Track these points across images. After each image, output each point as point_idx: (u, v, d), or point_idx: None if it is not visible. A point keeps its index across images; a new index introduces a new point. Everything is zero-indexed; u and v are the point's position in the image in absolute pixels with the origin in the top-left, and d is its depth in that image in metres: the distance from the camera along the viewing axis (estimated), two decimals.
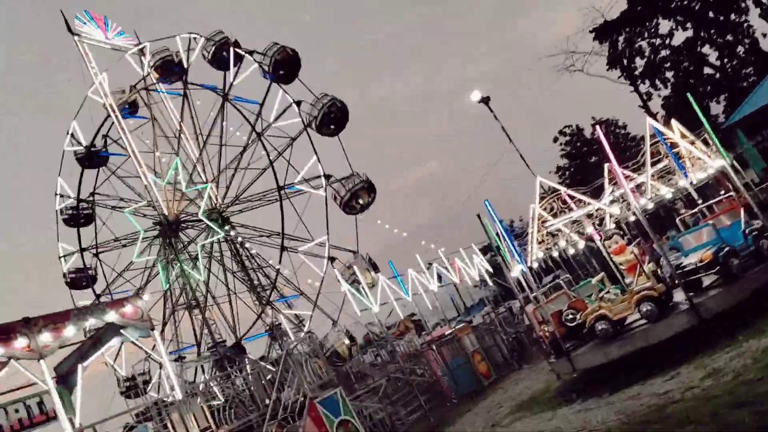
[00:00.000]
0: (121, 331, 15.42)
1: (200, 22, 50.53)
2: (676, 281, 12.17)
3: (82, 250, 33.80)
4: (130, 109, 34.46)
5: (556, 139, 72.78)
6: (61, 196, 34.05)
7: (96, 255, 34.10)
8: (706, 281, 12.61)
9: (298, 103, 32.20)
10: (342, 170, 33.03)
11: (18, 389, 16.45)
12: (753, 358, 9.10)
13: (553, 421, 12.02)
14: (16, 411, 15.83)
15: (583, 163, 70.41)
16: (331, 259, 33.07)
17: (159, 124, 34.53)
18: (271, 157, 33.99)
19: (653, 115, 56.66)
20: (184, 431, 14.63)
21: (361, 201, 32.01)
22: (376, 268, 32.21)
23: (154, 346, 16.71)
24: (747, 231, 12.73)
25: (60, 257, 34.18)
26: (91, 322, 14.24)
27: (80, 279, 33.88)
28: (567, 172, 72.59)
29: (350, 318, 30.59)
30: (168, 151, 34.74)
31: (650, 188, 12.99)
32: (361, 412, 19.26)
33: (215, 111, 33.92)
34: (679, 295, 12.43)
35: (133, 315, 14.80)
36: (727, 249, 11.99)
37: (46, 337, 12.93)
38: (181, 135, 34.53)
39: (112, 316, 14.47)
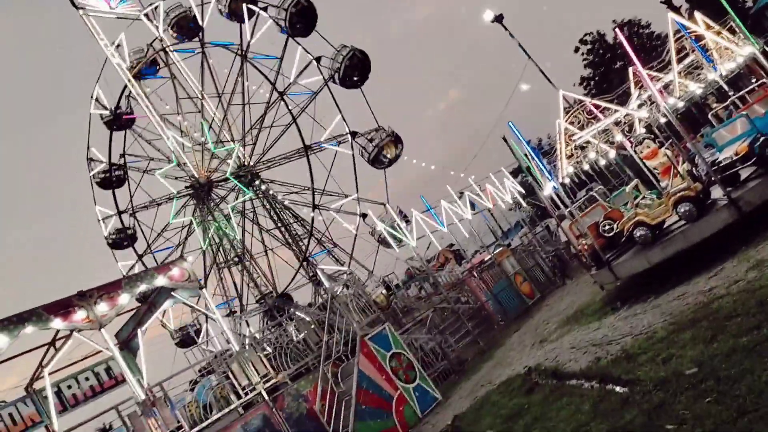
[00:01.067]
0: (172, 293, 16.00)
1: None
2: (713, 178, 11.91)
3: (119, 212, 34.40)
4: (151, 68, 34.20)
5: (577, 49, 70.32)
6: (93, 160, 34.51)
7: (133, 215, 34.76)
8: (744, 174, 12.33)
9: (318, 59, 31.61)
10: (367, 122, 32.78)
11: (84, 359, 17.42)
12: None
13: (600, 330, 12.18)
14: (87, 379, 16.78)
15: (607, 70, 68.14)
16: (363, 216, 33.22)
17: (180, 84, 34.29)
18: (294, 114, 33.79)
19: (676, 9, 54.12)
20: (246, 379, 15.30)
21: (388, 155, 31.85)
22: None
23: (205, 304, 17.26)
24: None
25: (99, 220, 34.95)
26: (143, 288, 14.74)
27: (121, 240, 34.73)
28: (592, 82, 70.46)
29: (389, 256, 30.93)
30: (191, 110, 34.73)
31: (678, 86, 12.58)
32: (412, 344, 19.81)
33: (235, 70, 33.68)
34: (717, 192, 12.20)
35: (180, 277, 15.31)
36: (763, 138, 11.63)
37: (102, 308, 13.49)
38: (203, 95, 34.49)
39: (161, 281, 14.99)
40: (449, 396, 16.63)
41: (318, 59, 31.59)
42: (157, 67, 34.54)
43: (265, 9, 31.94)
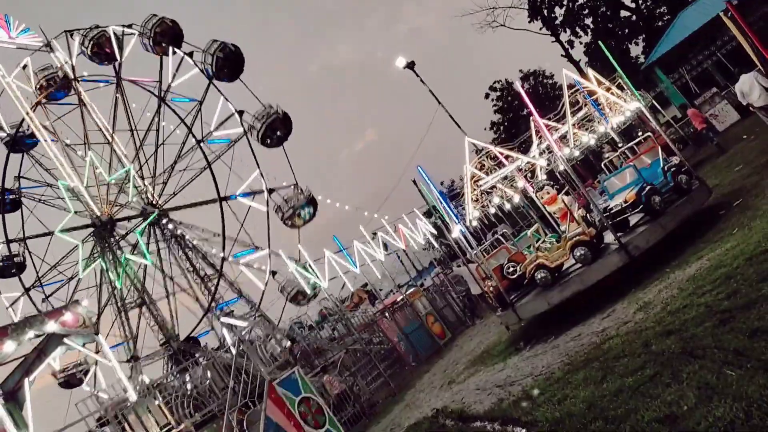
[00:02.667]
0: (65, 339, 15.02)
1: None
2: (605, 223, 12.66)
3: (8, 240, 32.23)
4: (60, 93, 32.53)
5: (487, 96, 73.65)
6: None
7: (24, 243, 32.61)
8: (633, 220, 13.20)
9: (240, 113, 31.81)
10: (283, 172, 32.84)
11: None
12: (678, 288, 9.63)
13: (504, 371, 12.46)
14: None
15: (515, 116, 71.67)
16: (270, 191, 32.76)
17: (89, 113, 32.88)
18: (209, 161, 33.23)
19: (576, 63, 58.04)
20: (143, 431, 14.47)
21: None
22: (314, 202, 32.15)
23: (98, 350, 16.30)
24: (666, 168, 13.33)
25: (7, 308, 32.61)
26: (30, 335, 13.76)
27: (8, 267, 32.47)
28: (501, 127, 73.77)
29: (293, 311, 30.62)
30: (99, 142, 33.34)
31: (572, 137, 13.39)
32: (322, 386, 19.47)
33: (151, 107, 32.89)
34: (609, 237, 12.96)
35: (74, 323, 14.43)
36: (648, 188, 12.54)
37: None
38: (87, 134, 33.08)
39: (52, 327, 14.07)
40: None
41: (240, 113, 31.52)
42: (67, 92, 33.06)
43: (190, 54, 31.61)
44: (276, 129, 30.95)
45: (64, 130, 32.67)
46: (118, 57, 31.34)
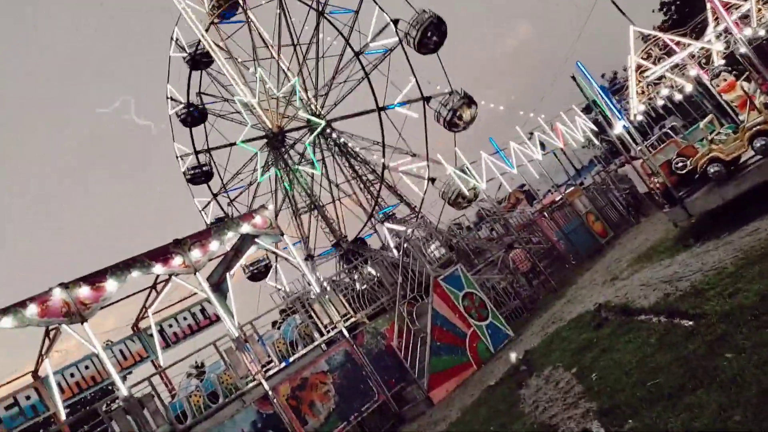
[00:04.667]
0: (255, 239, 17.15)
1: None
2: None
3: (196, 152, 36.29)
4: (231, 11, 35.01)
5: None
6: (173, 99, 36.38)
7: (209, 153, 36.54)
8: None
9: (396, 22, 31.71)
10: (439, 79, 32.60)
11: (180, 301, 19.08)
12: None
13: (671, 267, 12.29)
14: (185, 318, 18.47)
15: None
16: (427, 99, 32.87)
17: (257, 30, 35.05)
18: (367, 72, 34.07)
19: None
20: (327, 318, 16.41)
21: (464, 117, 31.64)
22: (473, 102, 32.01)
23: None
24: None
25: (177, 157, 37.04)
26: (230, 236, 15.92)
27: (198, 176, 36.72)
28: (673, 7, 66.24)
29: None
30: (266, 58, 35.58)
31: (756, 15, 12.07)
32: (484, 284, 20.37)
33: (310, 24, 34.22)
34: None
35: (263, 225, 16.39)
36: None
37: (196, 254, 14.73)
38: (256, 52, 35.20)
39: (246, 228, 16.12)
40: (521, 333, 17.19)
41: (396, 22, 31.61)
42: (237, 11, 35.30)
43: None
44: (432, 34, 30.71)
45: (234, 49, 35.38)
46: None
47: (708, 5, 14.07)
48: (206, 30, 33.41)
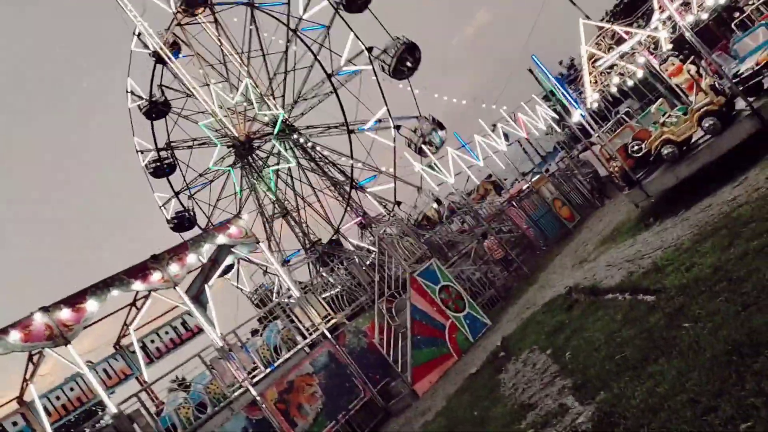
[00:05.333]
0: (232, 249, 17.36)
1: None
2: (735, 90, 12.22)
3: (176, 193, 36.55)
4: (172, 50, 35.30)
5: None
6: (141, 152, 36.53)
7: (190, 197, 36.88)
8: (767, 83, 12.58)
9: (369, 50, 32.11)
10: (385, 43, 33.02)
11: (160, 316, 19.17)
12: None
13: (634, 246, 12.88)
14: (166, 332, 18.59)
15: None
16: (397, 127, 33.81)
17: (202, 58, 35.39)
18: (312, 50, 34.35)
19: None
20: (308, 321, 16.70)
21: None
22: (441, 127, 32.74)
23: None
24: None
25: (160, 206, 37.23)
26: (206, 248, 16.10)
27: (182, 221, 36.95)
28: None
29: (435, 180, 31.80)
30: (220, 79, 35.84)
31: (695, 1, 12.72)
32: (459, 275, 20.88)
33: (279, 36, 34.44)
34: (741, 104, 12.51)
35: (238, 234, 16.60)
36: None
37: (174, 268, 14.88)
38: (226, 58, 35.43)
39: (221, 239, 16.31)
40: (498, 320, 17.72)
41: (370, 50, 32.06)
42: (177, 48, 35.56)
43: None
44: (405, 60, 31.23)
45: (200, 50, 35.43)
46: None
47: None
48: (170, 28, 33.42)
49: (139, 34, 35.06)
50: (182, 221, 37.05)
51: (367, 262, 22.14)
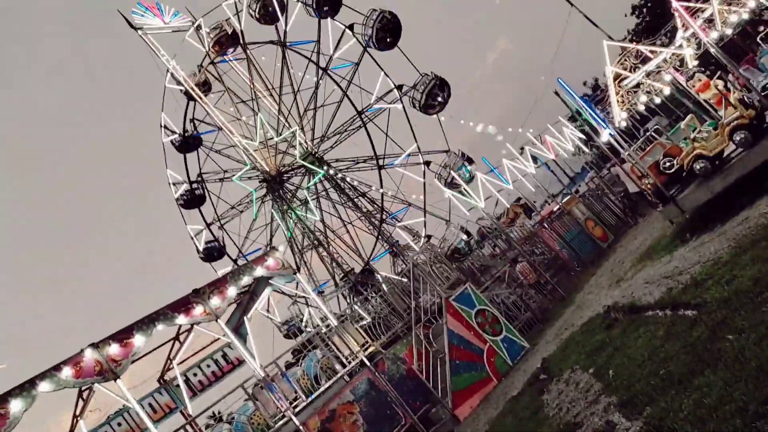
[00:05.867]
0: (269, 281, 17.70)
1: None
2: (765, 103, 12.24)
3: (207, 225, 37.39)
4: (203, 88, 36.59)
5: None
6: (174, 184, 37.53)
7: (221, 227, 37.67)
8: None
9: (351, 27, 32.87)
10: (413, 77, 33.70)
11: (201, 349, 19.49)
12: None
13: (672, 263, 12.84)
14: (208, 366, 18.82)
15: None
16: (427, 164, 34.22)
17: (234, 93, 36.52)
18: (342, 87, 35.17)
19: None
20: (347, 350, 16.86)
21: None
22: (470, 161, 33.05)
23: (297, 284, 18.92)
24: None
25: (192, 237, 38.08)
26: (245, 280, 16.47)
27: (212, 251, 37.69)
28: (644, 9, 67.89)
29: (461, 218, 32.07)
30: (250, 114, 36.90)
31: (719, 18, 12.85)
32: (494, 299, 20.87)
33: (279, 63, 35.44)
34: None
35: (276, 266, 16.94)
36: None
37: (215, 301, 15.26)
38: (257, 94, 36.47)
39: (260, 272, 16.67)
40: (536, 343, 17.64)
41: (351, 27, 32.74)
42: (208, 87, 36.80)
43: (351, 27, 33.45)
44: (436, 96, 31.84)
45: (231, 87, 36.64)
46: (281, 18, 33.86)
47: (676, 14, 14.89)
48: (204, 67, 34.60)
49: (172, 73, 36.37)
50: (212, 252, 37.73)
51: (401, 289, 22.26)
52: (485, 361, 17.06)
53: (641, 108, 16.63)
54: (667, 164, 14.37)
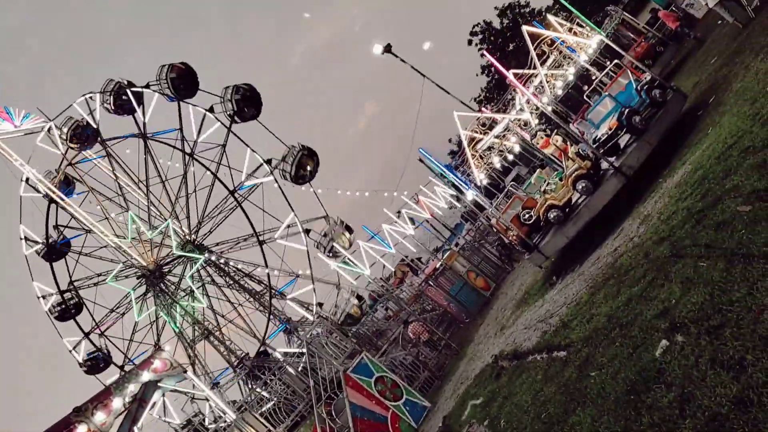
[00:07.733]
0: (159, 384, 16.89)
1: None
2: (598, 153, 13.88)
3: (86, 334, 34.99)
4: (66, 188, 34.93)
5: (470, 42, 73.60)
6: (44, 297, 35.01)
7: (101, 334, 35.35)
8: (623, 142, 14.37)
9: (210, 109, 33.03)
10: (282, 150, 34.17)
11: None
12: (669, 196, 10.86)
13: (544, 306, 13.87)
14: None
15: (503, 54, 71.39)
16: (307, 231, 34.29)
17: (98, 192, 35.19)
18: (211, 170, 34.88)
19: None
20: None
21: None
22: (349, 230, 33.64)
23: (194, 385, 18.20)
24: (639, 88, 14.43)
25: (70, 351, 35.36)
26: (131, 388, 15.62)
27: (97, 362, 35.20)
28: (493, 68, 73.71)
29: (352, 282, 32.33)
30: (119, 211, 35.54)
31: (547, 85, 14.57)
32: (392, 362, 21.15)
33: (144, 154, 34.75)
34: (605, 164, 14.17)
35: (164, 367, 16.25)
36: (627, 110, 13.70)
37: (100, 417, 14.33)
38: (123, 189, 35.33)
39: (146, 376, 15.91)
40: (436, 401, 18.04)
41: (210, 109, 32.89)
42: (71, 185, 35.33)
43: (147, 86, 33.12)
44: (306, 165, 32.30)
45: (95, 185, 35.07)
46: (137, 109, 33.10)
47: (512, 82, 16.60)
48: (62, 168, 33.04)
49: (27, 180, 34.43)
50: (97, 362, 35.28)
51: (299, 368, 21.98)
52: (390, 428, 17.15)
53: (498, 166, 18.14)
54: (526, 216, 15.71)
